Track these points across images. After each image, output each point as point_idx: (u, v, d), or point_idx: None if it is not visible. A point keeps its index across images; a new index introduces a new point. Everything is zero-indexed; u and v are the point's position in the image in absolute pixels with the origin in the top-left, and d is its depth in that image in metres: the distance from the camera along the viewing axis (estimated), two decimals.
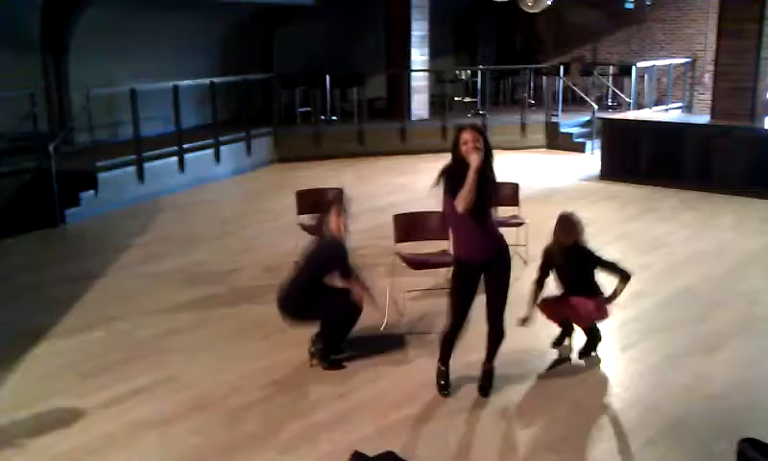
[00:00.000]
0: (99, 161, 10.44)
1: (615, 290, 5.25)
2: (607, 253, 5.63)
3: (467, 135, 4.63)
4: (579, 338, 5.59)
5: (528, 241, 7.57)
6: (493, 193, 4.80)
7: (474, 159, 4.53)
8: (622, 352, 5.71)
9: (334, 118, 14.69)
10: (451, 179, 4.65)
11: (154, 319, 6.51)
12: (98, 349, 5.94)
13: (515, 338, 5.75)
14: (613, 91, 16.05)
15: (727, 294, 6.87)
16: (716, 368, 5.42)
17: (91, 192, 10.22)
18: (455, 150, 4.67)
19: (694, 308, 6.53)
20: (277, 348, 5.84)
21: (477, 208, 4.62)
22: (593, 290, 5.31)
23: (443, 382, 5.08)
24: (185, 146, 11.72)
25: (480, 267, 4.83)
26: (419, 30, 15.02)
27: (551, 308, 5.41)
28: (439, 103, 15.36)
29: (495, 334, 4.97)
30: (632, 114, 13.54)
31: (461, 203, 4.56)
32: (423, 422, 4.75)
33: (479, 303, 4.93)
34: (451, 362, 5.12)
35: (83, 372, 5.53)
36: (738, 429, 4.20)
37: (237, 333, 6.18)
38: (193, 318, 6.51)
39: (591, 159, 12.99)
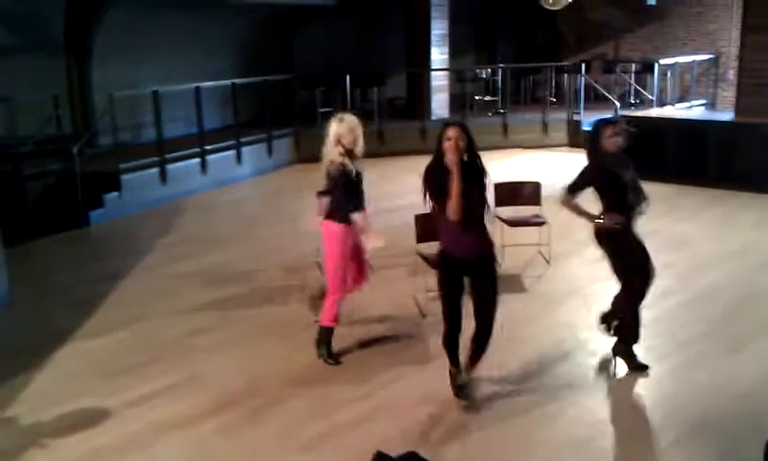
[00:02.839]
0: (122, 163, 10.53)
1: None
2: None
3: (451, 132, 4.53)
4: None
5: (550, 240, 7.55)
6: (482, 197, 4.63)
7: (450, 157, 4.46)
8: (647, 352, 5.64)
9: None
10: (434, 181, 4.58)
11: (177, 319, 6.56)
12: (122, 349, 6.00)
13: (538, 337, 5.74)
14: (636, 89, 15.90)
15: (752, 293, 6.78)
16: (742, 367, 5.36)
17: (115, 194, 10.32)
18: (438, 146, 4.58)
19: (719, 307, 6.45)
20: (299, 348, 5.85)
21: (466, 212, 4.52)
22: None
23: (458, 384, 5.00)
24: (207, 147, 11.80)
25: (463, 265, 4.69)
26: (439, 29, 15.00)
27: None
28: (459, 102, 15.32)
29: (482, 336, 4.77)
30: (654, 112, 13.43)
31: (452, 214, 4.48)
32: (445, 421, 4.73)
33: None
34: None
35: (107, 372, 5.58)
36: (765, 429, 4.14)
37: (259, 333, 6.20)
38: (215, 318, 6.55)
39: None
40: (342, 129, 5.32)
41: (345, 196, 5.31)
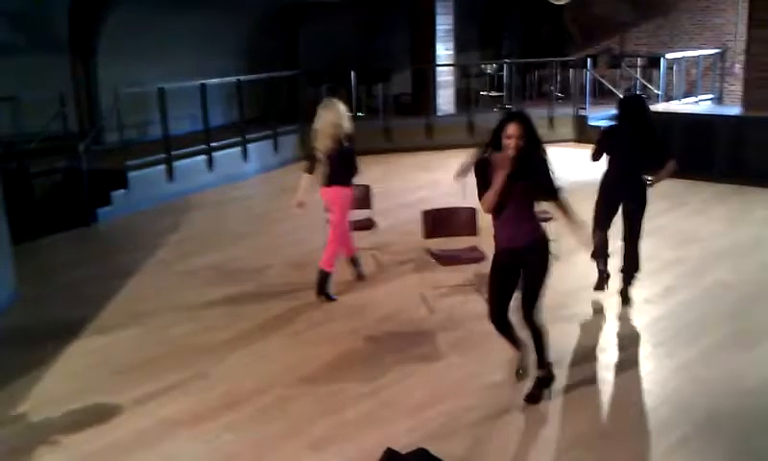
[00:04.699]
0: (129, 160, 10.55)
1: None
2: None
3: (511, 130, 4.50)
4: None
5: (558, 236, 7.52)
6: (537, 186, 4.67)
7: (504, 164, 4.42)
8: (655, 349, 5.65)
9: (360, 114, 14.69)
10: (483, 173, 4.56)
11: (186, 316, 6.57)
12: (131, 346, 6.02)
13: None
14: (642, 83, 15.86)
15: (760, 288, 6.76)
16: (750, 364, 5.34)
17: (122, 191, 10.34)
18: (496, 137, 4.53)
19: (727, 303, 6.44)
20: (308, 345, 5.87)
21: (498, 205, 4.55)
22: None
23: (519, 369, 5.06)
24: (213, 144, 11.81)
25: (510, 256, 4.69)
26: (444, 24, 14.98)
27: None
28: (465, 98, 15.31)
29: (531, 333, 4.83)
30: (661, 106, 13.38)
31: (484, 204, 4.55)
32: (454, 419, 4.73)
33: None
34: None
35: (116, 369, 5.60)
36: None
37: (268, 330, 6.21)
38: (224, 315, 6.57)
39: None
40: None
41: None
